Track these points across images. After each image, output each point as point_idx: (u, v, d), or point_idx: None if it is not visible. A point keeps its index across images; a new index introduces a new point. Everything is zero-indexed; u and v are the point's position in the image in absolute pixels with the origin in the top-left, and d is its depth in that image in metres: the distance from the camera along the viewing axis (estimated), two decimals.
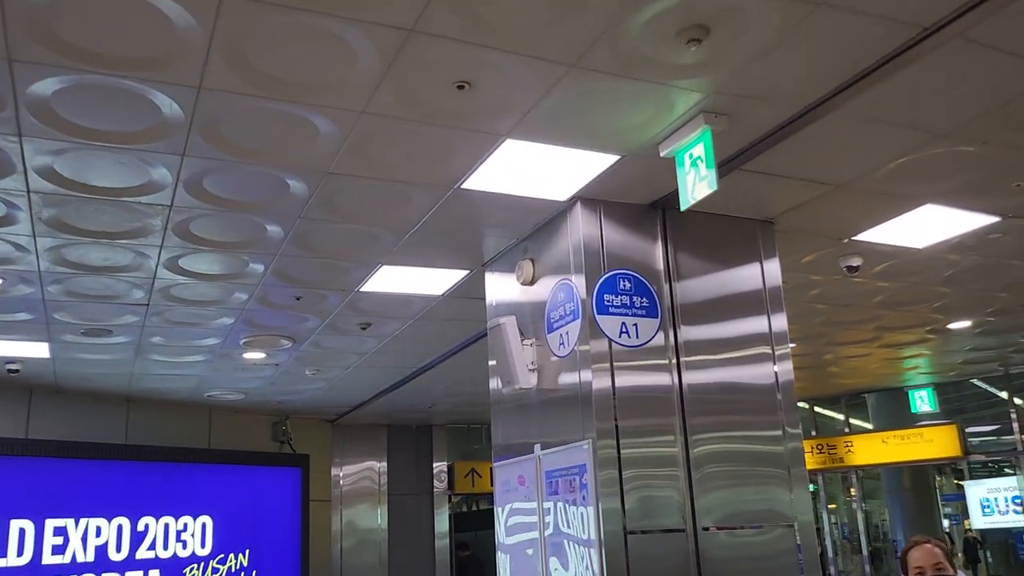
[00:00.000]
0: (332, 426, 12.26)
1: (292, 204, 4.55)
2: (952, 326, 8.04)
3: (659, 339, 4.60)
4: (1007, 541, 13.72)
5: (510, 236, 5.21)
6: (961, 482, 13.58)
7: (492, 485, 13.16)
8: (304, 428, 11.65)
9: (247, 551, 10.29)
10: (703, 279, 4.86)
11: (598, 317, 4.51)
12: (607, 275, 4.61)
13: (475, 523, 14.02)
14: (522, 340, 5.02)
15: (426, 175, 4.29)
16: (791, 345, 4.97)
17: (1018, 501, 11.99)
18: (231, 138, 3.80)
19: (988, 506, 12.23)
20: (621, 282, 4.64)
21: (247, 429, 11.06)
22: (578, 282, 4.61)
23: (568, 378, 4.64)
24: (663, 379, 4.57)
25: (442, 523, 12.98)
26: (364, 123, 3.72)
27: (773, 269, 5.06)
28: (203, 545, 9.87)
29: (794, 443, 4.76)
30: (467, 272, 5.86)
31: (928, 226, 5.32)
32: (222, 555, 10.09)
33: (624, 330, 4.57)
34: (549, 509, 4.65)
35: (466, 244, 5.34)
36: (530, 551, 4.84)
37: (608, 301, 4.57)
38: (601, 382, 4.40)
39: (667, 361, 4.60)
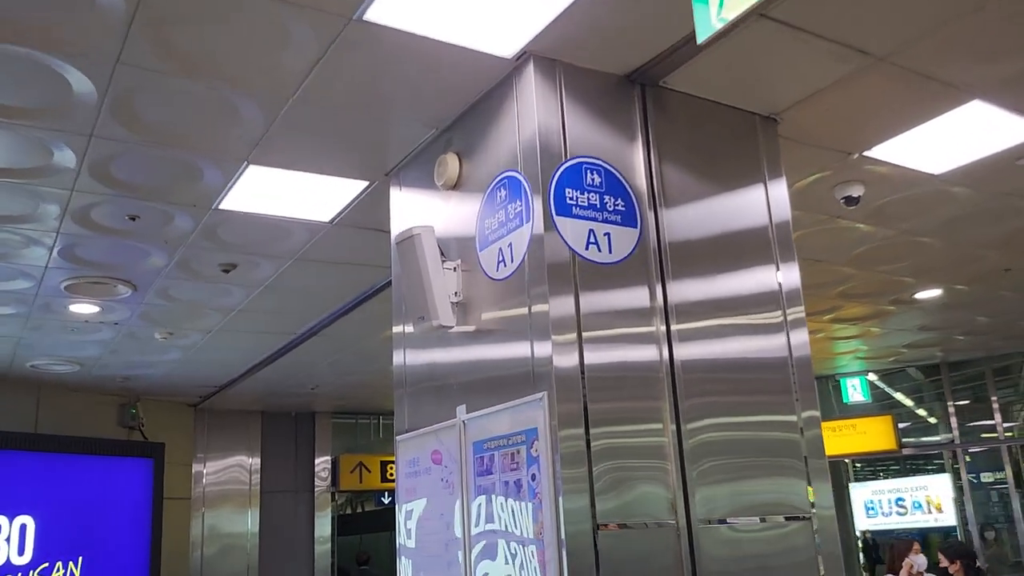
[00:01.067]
0: (194, 411, 10.45)
1: (102, 33, 2.99)
2: (920, 295, 7.08)
3: (643, 297, 3.26)
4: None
5: (428, 122, 3.79)
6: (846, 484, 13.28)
7: (384, 480, 11.77)
8: (160, 412, 9.84)
9: (79, 559, 8.45)
10: (697, 207, 3.54)
11: (557, 219, 3.15)
12: (570, 162, 3.25)
13: (362, 525, 12.49)
14: (443, 262, 3.61)
15: None
16: (800, 309, 3.73)
17: (901, 503, 11.84)
18: None
19: (872, 508, 12.11)
20: (588, 175, 3.29)
21: (87, 411, 9.18)
22: (529, 174, 3.24)
23: (511, 314, 3.26)
24: (648, 352, 3.24)
25: (324, 526, 11.35)
26: None
27: (780, 196, 3.80)
28: (21, 552, 7.99)
29: (813, 430, 3.54)
30: (366, 185, 4.39)
31: (960, 138, 4.21)
32: (46, 564, 8.23)
33: (593, 240, 3.21)
34: (478, 496, 3.25)
35: (366, 134, 3.88)
36: (446, 556, 3.43)
37: (571, 199, 3.21)
38: (562, 322, 3.04)
39: (653, 329, 3.27)
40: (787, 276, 3.72)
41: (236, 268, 5.50)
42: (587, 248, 3.18)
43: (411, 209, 4.10)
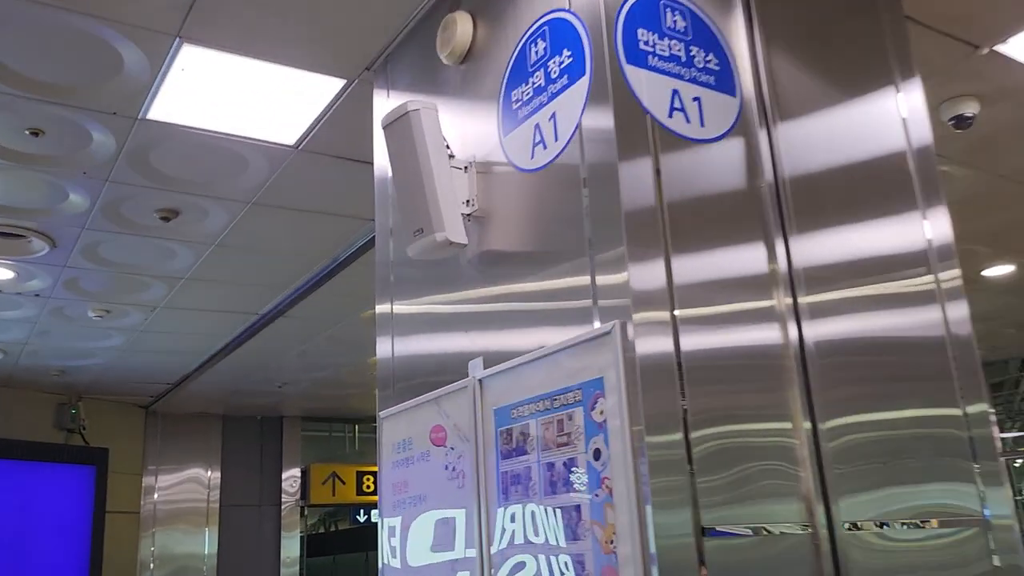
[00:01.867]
0: (146, 413, 9.26)
1: None
2: (989, 271, 6.12)
3: (758, 258, 2.21)
4: None
5: None
6: None
7: (360, 494, 10.58)
8: (105, 414, 8.65)
9: None
10: (818, 122, 2.48)
11: (628, 69, 2.10)
12: None
13: (337, 544, 11.32)
14: (451, 159, 2.55)
15: None
16: (955, 273, 2.67)
17: None
18: None
19: None
20: (669, 15, 2.25)
21: (19, 410, 7.99)
22: (585, 13, 2.20)
23: (556, 226, 2.21)
24: (770, 333, 2.18)
25: (292, 546, 10.16)
26: None
27: (917, 107, 2.71)
28: None
29: (981, 427, 2.49)
30: (341, 85, 3.33)
31: None
32: None
33: (677, 105, 2.17)
34: (501, 489, 2.19)
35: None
36: None
37: (646, 43, 2.17)
38: (648, 295, 1.98)
39: (775, 302, 2.21)
40: (936, 226, 2.65)
41: (179, 216, 4.41)
42: (671, 115, 2.13)
43: None
